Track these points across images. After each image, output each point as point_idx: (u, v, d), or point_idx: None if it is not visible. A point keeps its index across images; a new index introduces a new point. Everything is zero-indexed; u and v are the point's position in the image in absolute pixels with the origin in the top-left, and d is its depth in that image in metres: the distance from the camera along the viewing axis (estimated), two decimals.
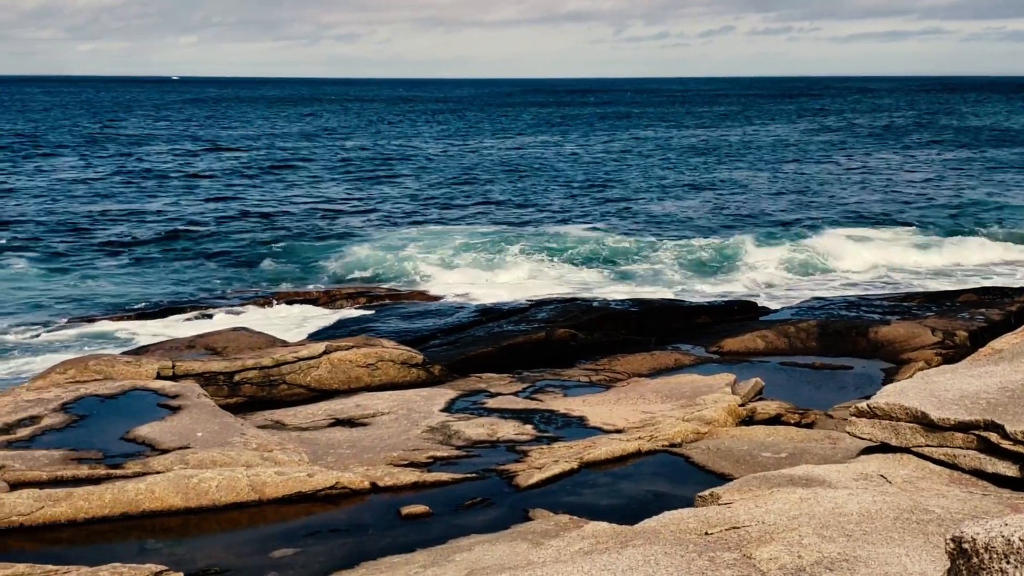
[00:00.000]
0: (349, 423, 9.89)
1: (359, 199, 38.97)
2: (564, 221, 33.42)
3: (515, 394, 11.01)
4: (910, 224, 32.10)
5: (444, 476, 8.30)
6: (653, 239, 29.10)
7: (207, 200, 38.10)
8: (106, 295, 22.61)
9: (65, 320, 20.31)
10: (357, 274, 24.87)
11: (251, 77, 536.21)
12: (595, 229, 31.35)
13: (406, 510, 7.62)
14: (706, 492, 6.77)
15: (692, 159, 54.83)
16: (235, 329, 14.65)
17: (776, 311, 16.85)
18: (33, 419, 9.05)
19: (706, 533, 5.82)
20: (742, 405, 10.25)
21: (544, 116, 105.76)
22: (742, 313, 16.11)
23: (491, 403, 10.57)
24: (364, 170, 49.45)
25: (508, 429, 9.54)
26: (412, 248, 27.24)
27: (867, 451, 7.30)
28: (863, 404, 7.20)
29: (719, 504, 6.45)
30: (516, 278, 24.16)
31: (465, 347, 13.45)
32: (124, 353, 13.05)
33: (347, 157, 56.30)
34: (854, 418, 7.25)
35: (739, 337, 14.12)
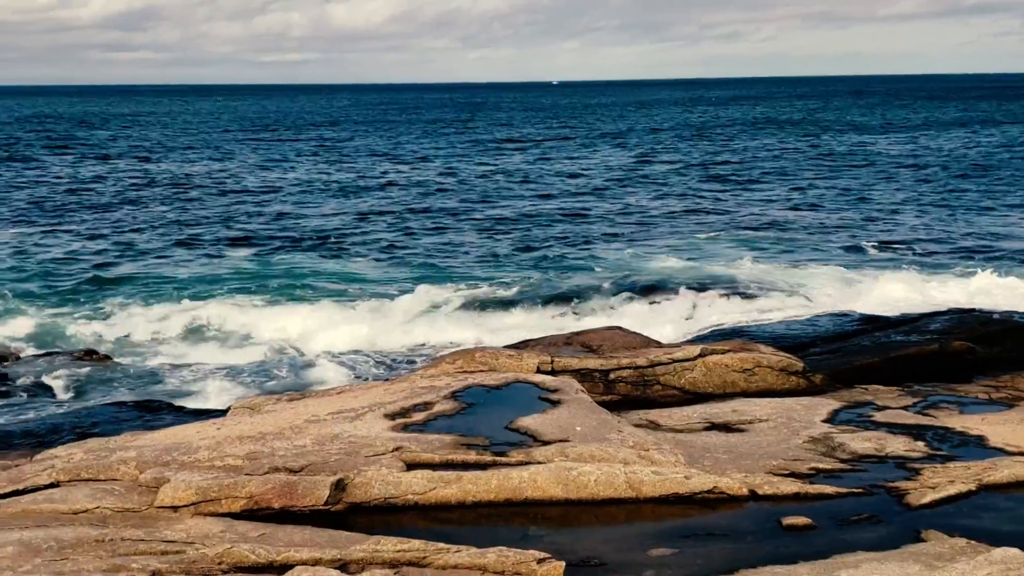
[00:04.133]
0: (725, 428, 9.71)
1: (709, 200, 38.51)
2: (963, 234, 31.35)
3: (905, 408, 10.37)
4: None
5: (827, 489, 7.94)
6: None
7: (560, 203, 39.07)
8: (477, 285, 23.79)
9: (452, 310, 21.64)
10: (723, 279, 24.48)
11: (627, 80, 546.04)
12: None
13: (787, 520, 7.34)
14: None
15: None
16: (610, 328, 14.87)
17: None
18: (426, 404, 9.58)
19: None
20: None
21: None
22: None
23: (878, 416, 10.01)
24: (716, 172, 48.94)
25: (897, 444, 8.99)
26: (778, 257, 26.57)
27: None
28: None
29: None
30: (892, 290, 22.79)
31: (848, 356, 12.85)
32: (506, 347, 13.57)
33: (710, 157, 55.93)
34: None
35: None
